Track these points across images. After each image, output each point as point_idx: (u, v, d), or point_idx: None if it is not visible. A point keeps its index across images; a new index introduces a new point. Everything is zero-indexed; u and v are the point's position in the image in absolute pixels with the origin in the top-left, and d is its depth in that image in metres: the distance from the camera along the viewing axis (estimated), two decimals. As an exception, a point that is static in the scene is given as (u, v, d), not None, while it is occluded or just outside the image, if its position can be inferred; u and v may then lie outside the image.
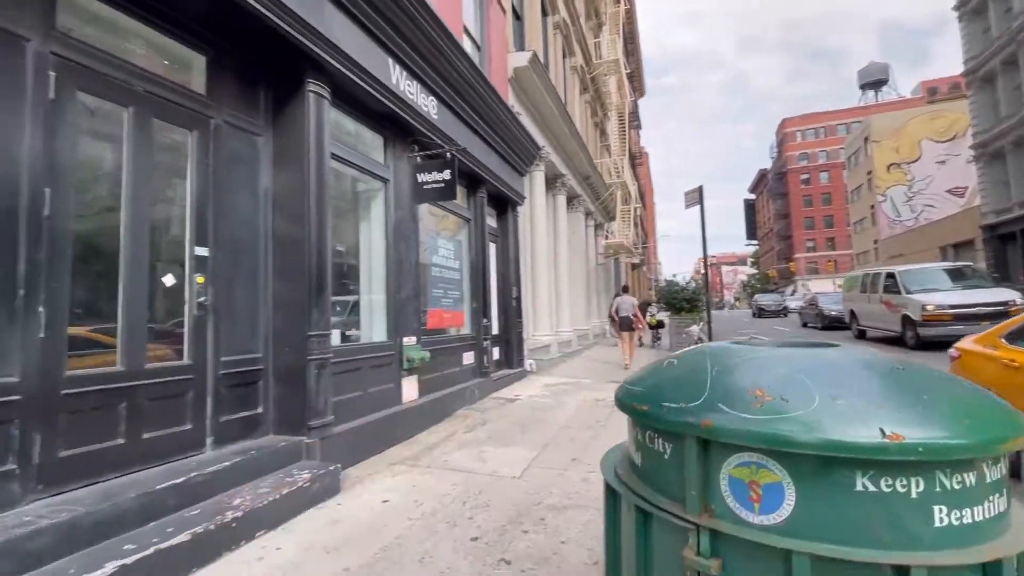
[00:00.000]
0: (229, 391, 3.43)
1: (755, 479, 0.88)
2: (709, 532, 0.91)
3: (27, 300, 2.43)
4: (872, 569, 0.78)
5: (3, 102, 2.39)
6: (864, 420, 0.82)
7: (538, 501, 3.29)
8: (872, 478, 0.81)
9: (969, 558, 0.77)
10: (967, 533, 0.81)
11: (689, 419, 0.94)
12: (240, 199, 3.65)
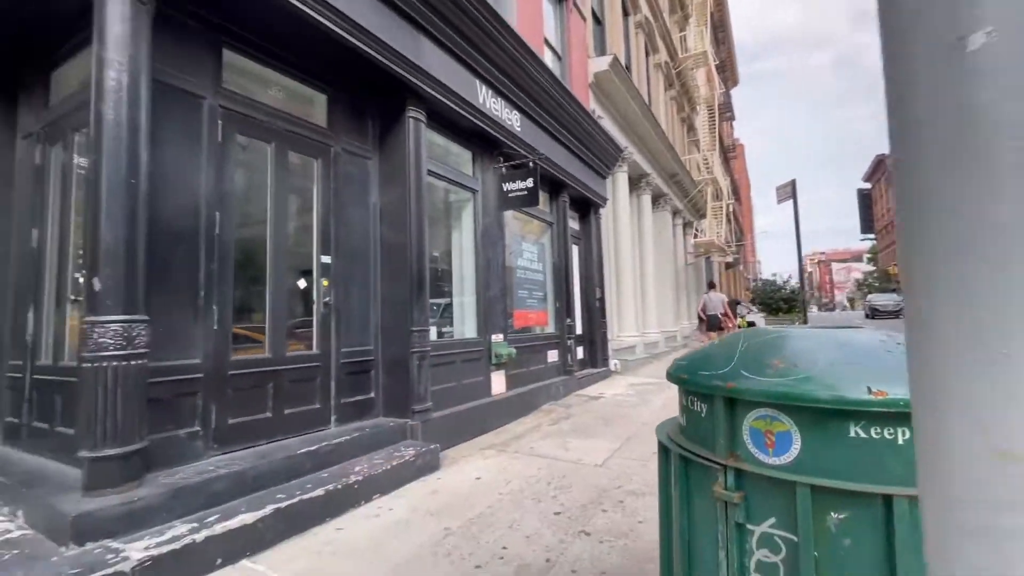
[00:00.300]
0: (348, 378, 4.03)
1: (770, 429, 1.09)
2: (734, 471, 1.13)
3: (206, 300, 3.12)
4: (861, 497, 0.97)
5: (187, 146, 3.11)
6: (856, 381, 1.01)
7: (618, 486, 3.51)
8: (863, 427, 0.99)
9: None
10: None
11: (718, 383, 1.17)
12: (354, 213, 4.26)
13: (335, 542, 2.70)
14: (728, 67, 46.31)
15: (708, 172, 20.32)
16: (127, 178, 2.57)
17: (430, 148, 4.87)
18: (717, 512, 1.16)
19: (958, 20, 0.46)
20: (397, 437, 4.01)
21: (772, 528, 1.08)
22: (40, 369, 3.41)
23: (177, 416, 2.92)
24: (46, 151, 3.62)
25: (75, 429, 2.97)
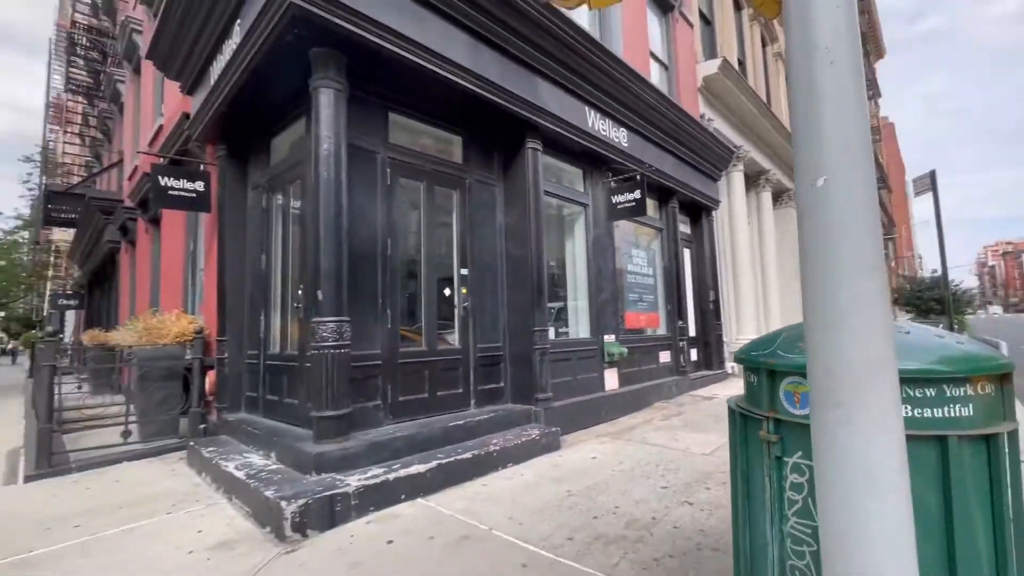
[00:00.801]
0: (483, 369, 4.86)
1: (796, 390, 1.56)
2: (773, 420, 1.61)
3: (382, 306, 4.11)
4: None
5: (367, 190, 4.13)
6: None
7: (723, 471, 3.85)
8: None
9: (920, 431, 1.33)
10: (924, 423, 1.35)
11: (762, 360, 1.66)
12: (485, 232, 5.10)
13: (482, 493, 3.47)
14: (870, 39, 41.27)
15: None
16: (335, 218, 3.60)
17: (545, 171, 5.56)
18: (763, 450, 1.65)
19: (817, 172, 0.98)
20: (523, 420, 4.74)
21: (799, 459, 1.55)
22: (270, 357, 4.70)
23: (366, 392, 3.93)
24: (269, 198, 4.95)
25: (298, 400, 4.12)
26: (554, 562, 2.47)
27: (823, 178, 0.95)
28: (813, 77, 0.97)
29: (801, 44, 0.99)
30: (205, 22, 4.41)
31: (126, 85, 11.19)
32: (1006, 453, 1.40)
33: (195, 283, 6.67)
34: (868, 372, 0.92)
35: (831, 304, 0.95)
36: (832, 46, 0.96)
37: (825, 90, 0.96)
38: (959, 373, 1.40)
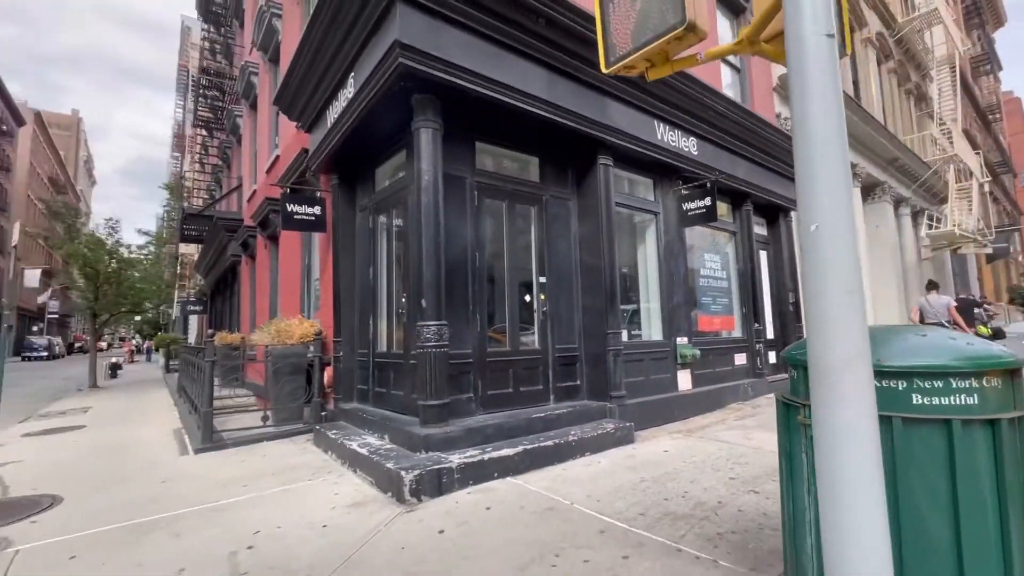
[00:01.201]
0: (560, 368, 5.34)
1: (827, 382, 1.90)
2: (807, 407, 1.96)
3: (472, 312, 4.72)
4: (881, 422, 1.73)
5: (458, 211, 4.75)
6: (876, 354, 1.76)
7: (792, 467, 4.05)
8: (877, 378, 1.73)
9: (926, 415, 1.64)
10: (931, 408, 1.64)
11: (799, 357, 2.01)
12: (560, 243, 5.58)
13: (562, 475, 3.94)
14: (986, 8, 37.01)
15: (950, 146, 17.04)
16: (435, 237, 4.25)
17: (616, 182, 5.94)
18: (800, 432, 1.99)
19: (811, 220, 1.37)
20: (599, 415, 5.15)
21: (829, 438, 1.88)
22: (378, 355, 5.47)
23: (460, 386, 4.54)
24: (375, 219, 5.76)
25: (403, 391, 4.83)
26: (627, 531, 2.89)
27: (815, 225, 1.34)
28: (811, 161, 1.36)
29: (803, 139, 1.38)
30: (323, 76, 5.28)
31: (243, 119, 12.88)
32: (1012, 437, 1.68)
33: (310, 291, 7.73)
34: (848, 361, 1.30)
35: (823, 315, 1.34)
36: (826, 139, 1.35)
37: (818, 167, 1.35)
38: (963, 368, 1.69)
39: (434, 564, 2.56)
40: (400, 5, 3.86)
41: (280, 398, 5.88)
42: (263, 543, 2.89)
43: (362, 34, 4.39)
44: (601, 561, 2.53)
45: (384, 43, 4.04)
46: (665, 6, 1.88)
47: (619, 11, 2.07)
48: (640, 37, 1.98)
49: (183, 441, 5.90)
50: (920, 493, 1.70)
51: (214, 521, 3.28)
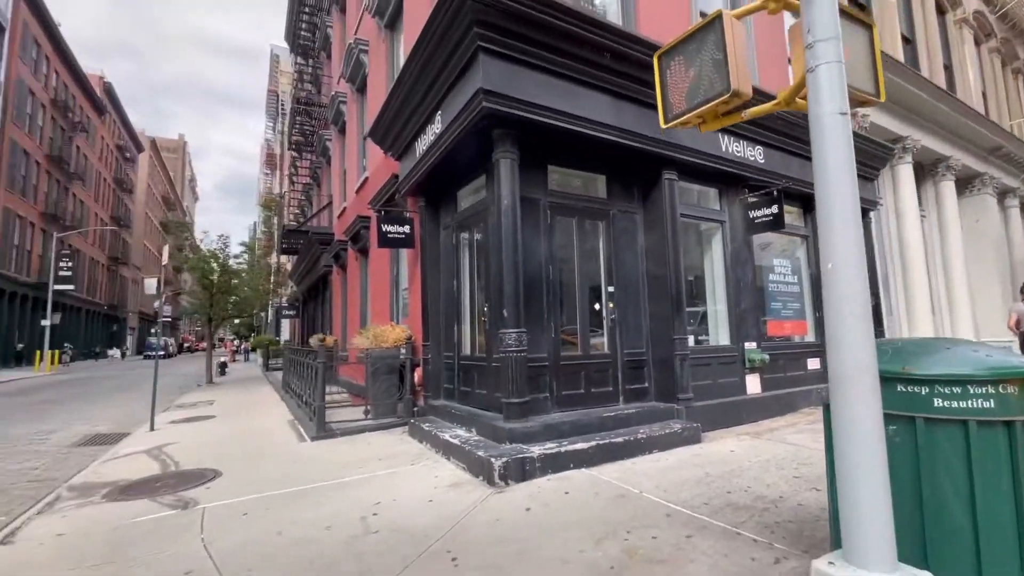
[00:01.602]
0: (629, 371, 5.72)
1: (862, 386, 2.23)
2: (847, 408, 2.30)
3: (547, 319, 5.24)
4: (902, 419, 2.04)
5: (533, 229, 5.29)
6: (904, 363, 2.07)
7: (858, 469, 4.20)
8: (903, 384, 2.04)
9: (946, 416, 1.93)
10: (951, 410, 1.93)
11: (839, 365, 2.35)
12: (627, 254, 5.96)
13: (632, 469, 4.35)
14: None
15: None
16: (513, 254, 4.80)
17: (682, 193, 6.22)
18: (840, 429, 2.33)
19: (828, 259, 1.75)
20: (666, 416, 5.48)
21: (864, 434, 2.21)
22: (463, 358, 6.13)
23: (537, 386, 5.07)
24: (457, 236, 6.44)
25: (486, 390, 5.43)
26: (691, 516, 3.28)
27: (831, 263, 1.73)
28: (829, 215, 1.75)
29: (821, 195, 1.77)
30: (413, 113, 6.02)
31: (332, 142, 14.24)
32: (1029, 436, 1.94)
33: (398, 299, 8.60)
34: (856, 372, 1.68)
35: (837, 335, 1.72)
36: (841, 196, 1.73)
37: (834, 219, 1.73)
38: (982, 376, 1.99)
39: (525, 533, 3.10)
40: (483, 56, 4.47)
41: (378, 395, 6.71)
42: (384, 511, 3.57)
43: (449, 79, 5.05)
44: (667, 538, 2.95)
45: (469, 89, 4.66)
46: (714, 75, 2.29)
47: (675, 77, 2.50)
48: (693, 99, 2.41)
49: (298, 430, 6.87)
50: (942, 483, 2.01)
51: (342, 494, 4.02)
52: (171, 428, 7.59)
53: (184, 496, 4.13)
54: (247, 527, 3.42)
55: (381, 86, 9.15)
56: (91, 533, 3.42)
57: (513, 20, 4.52)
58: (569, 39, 4.85)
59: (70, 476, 5.10)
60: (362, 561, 2.82)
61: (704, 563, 2.62)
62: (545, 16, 4.63)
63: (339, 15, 14.13)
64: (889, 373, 2.13)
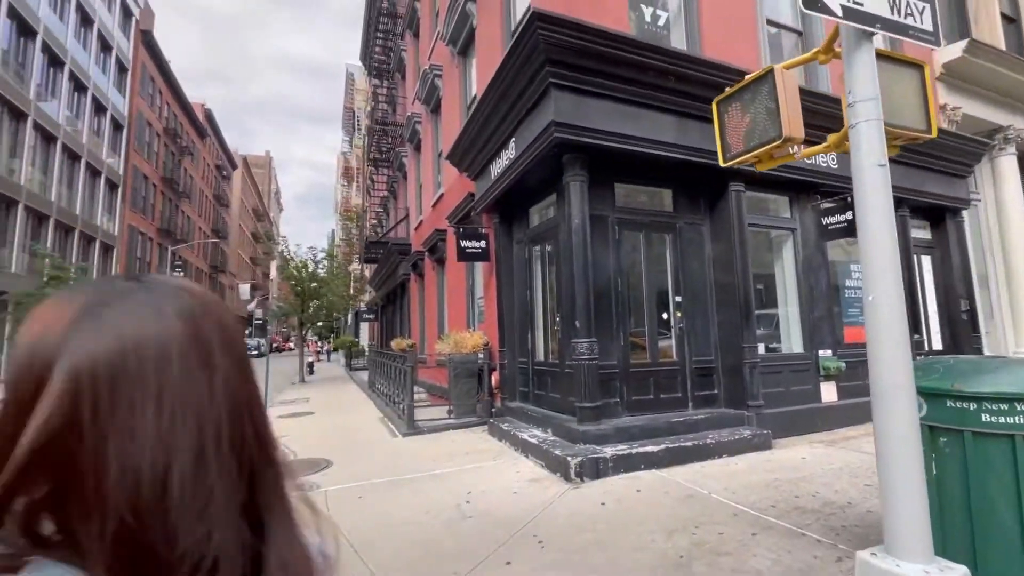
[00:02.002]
0: (697, 378, 5.93)
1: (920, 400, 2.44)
2: (901, 420, 2.51)
3: (616, 329, 5.58)
4: (952, 432, 2.23)
5: (601, 244, 5.64)
6: (953, 381, 2.26)
7: (936, 480, 4.21)
8: (953, 400, 2.24)
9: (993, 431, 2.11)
10: (998, 425, 2.10)
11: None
12: (694, 264, 6.16)
13: (701, 471, 4.61)
14: None
15: None
16: (584, 269, 5.20)
17: (750, 202, 6.31)
18: (895, 439, 2.54)
19: (870, 291, 2.02)
20: (735, 422, 5.64)
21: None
22: (536, 363, 6.60)
23: (608, 392, 5.42)
24: (529, 250, 6.92)
25: (559, 394, 5.85)
26: (758, 517, 3.52)
27: (872, 296, 1.99)
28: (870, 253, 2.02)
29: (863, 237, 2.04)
30: (488, 140, 6.57)
31: (408, 159, 15.24)
32: (1075, 450, 2.10)
33: (474, 307, 9.22)
34: (893, 389, 1.94)
35: (877, 356, 1.98)
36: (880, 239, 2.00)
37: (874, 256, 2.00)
38: (1026, 394, 2.15)
39: (600, 524, 3.50)
40: (554, 91, 4.91)
41: (459, 396, 7.32)
42: (475, 499, 4.09)
43: (522, 111, 5.54)
44: (733, 535, 3.23)
45: (541, 120, 5.12)
46: (767, 122, 2.59)
47: (732, 121, 2.81)
48: (749, 142, 2.71)
49: (389, 427, 7.64)
50: (990, 491, 2.20)
51: (436, 484, 4.60)
52: (280, 421, 8.64)
53: (306, 480, 4.89)
54: (362, 508, 4.07)
55: (454, 108, 9.83)
56: (243, 507, 4.21)
57: (581, 56, 4.92)
58: (633, 67, 5.17)
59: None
60: (461, 541, 3.34)
61: (767, 557, 2.90)
62: (611, 49, 4.99)
63: (412, 39, 15.12)
64: (939, 390, 2.33)
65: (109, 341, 0.38)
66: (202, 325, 0.41)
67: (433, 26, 12.03)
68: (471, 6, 8.57)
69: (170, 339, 0.39)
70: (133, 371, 0.38)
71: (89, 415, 0.37)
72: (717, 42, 6.24)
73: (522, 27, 4.92)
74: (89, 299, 0.41)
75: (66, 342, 0.38)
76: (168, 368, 0.39)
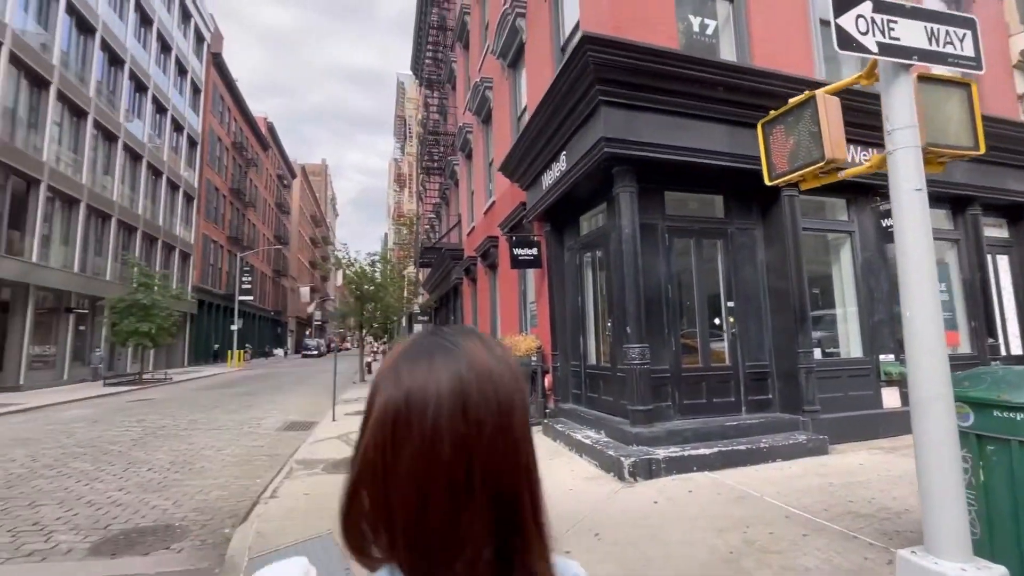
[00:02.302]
0: (751, 383, 5.98)
1: (961, 411, 2.54)
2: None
3: (667, 334, 5.73)
4: (998, 440, 2.32)
5: (652, 251, 5.80)
6: (999, 392, 2.35)
7: (1003, 490, 4.13)
8: (1000, 410, 2.33)
9: None
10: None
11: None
12: (746, 269, 6.21)
13: (754, 475, 4.71)
14: None
15: None
16: (634, 276, 5.39)
17: (804, 206, 6.28)
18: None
19: (907, 308, 2.17)
20: (790, 427, 5.66)
21: (964, 452, 2.52)
22: (589, 367, 6.84)
23: (660, 395, 5.59)
24: (580, 257, 7.16)
25: (611, 397, 6.06)
26: (810, 519, 3.63)
27: (908, 311, 2.14)
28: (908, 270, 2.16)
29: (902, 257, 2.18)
30: (540, 153, 6.87)
31: (460, 167, 15.79)
32: None
33: (526, 311, 9.55)
34: (931, 398, 2.08)
35: (916, 367, 2.13)
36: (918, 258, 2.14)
37: (911, 274, 2.14)
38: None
39: (654, 520, 3.72)
40: (604, 108, 5.14)
41: (513, 398, 7.65)
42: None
43: (572, 126, 5.80)
44: (784, 535, 3.38)
45: (592, 136, 5.37)
46: (811, 145, 2.74)
47: (776, 143, 2.97)
48: (793, 163, 2.87)
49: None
50: (1040, 496, 2.28)
51: (497, 479, 4.94)
52: (347, 419, 9.30)
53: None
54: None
55: (505, 119, 10.20)
56: (328, 494, 4.71)
57: (630, 73, 5.13)
58: (682, 81, 5.32)
59: (291, 453, 6.72)
60: (524, 530, 3.65)
61: (817, 557, 3.04)
62: (658, 65, 5.17)
63: (462, 51, 15.64)
64: (987, 400, 2.43)
65: (395, 390, 0.48)
66: (471, 382, 0.48)
67: (482, 38, 12.46)
68: (521, 22, 8.90)
69: (438, 392, 0.47)
70: (404, 415, 0.46)
71: (383, 446, 0.46)
72: (768, 46, 6.26)
73: (572, 49, 5.19)
74: (403, 348, 0.53)
75: (383, 382, 0.50)
76: (429, 417, 0.45)
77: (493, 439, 0.47)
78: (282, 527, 3.95)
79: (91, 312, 20.47)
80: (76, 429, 9.36)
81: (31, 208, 16.99)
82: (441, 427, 0.45)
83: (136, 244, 23.99)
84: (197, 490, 5.31)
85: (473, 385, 0.48)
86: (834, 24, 2.16)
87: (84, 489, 5.36)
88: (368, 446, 0.48)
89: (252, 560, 3.41)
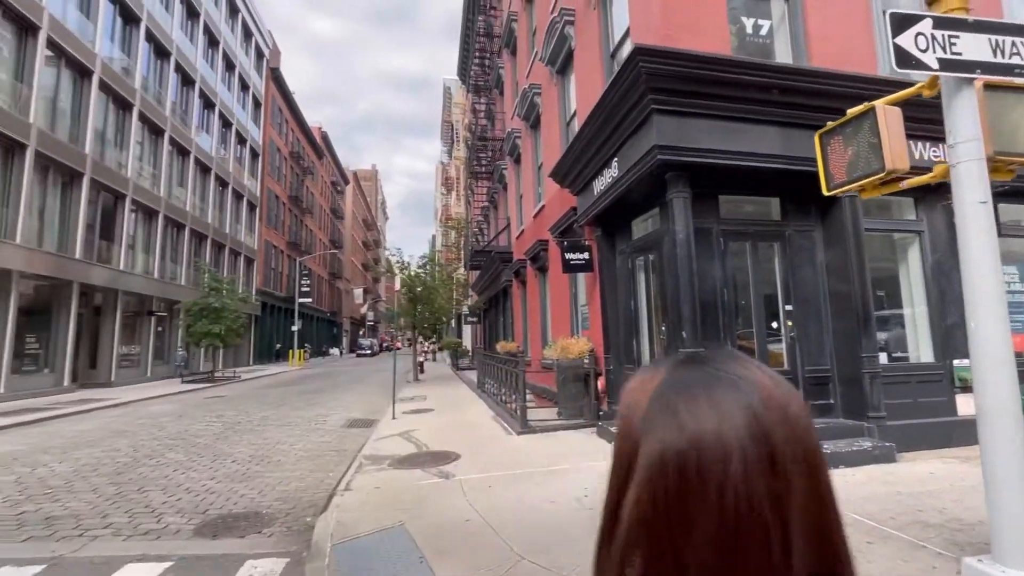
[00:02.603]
0: (811, 387, 5.88)
1: (1037, 421, 2.51)
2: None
3: (723, 338, 5.73)
4: None
5: (707, 255, 5.81)
6: None
7: (1092, 504, 3.93)
8: None
9: None
10: None
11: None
12: (805, 272, 6.10)
13: (814, 481, 4.66)
14: None
15: None
16: (689, 281, 5.44)
17: (868, 205, 6.09)
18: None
19: (972, 319, 2.19)
20: (854, 433, 5.53)
21: None
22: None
23: (715, 399, 5.59)
24: (632, 261, 7.23)
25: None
26: (874, 527, 3.61)
27: (974, 323, 2.16)
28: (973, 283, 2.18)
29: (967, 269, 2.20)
30: (591, 159, 6.99)
31: (508, 171, 16.06)
32: None
33: (577, 314, 9.68)
34: (997, 409, 2.09)
35: (982, 379, 2.14)
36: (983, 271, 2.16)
37: (976, 287, 2.16)
38: None
39: (712, 523, 3.79)
40: (655, 116, 5.22)
41: (566, 399, 7.83)
42: (591, 494, 4.55)
43: (624, 134, 5.90)
44: (847, 542, 3.38)
45: (644, 144, 5.45)
46: (870, 155, 2.77)
47: (835, 153, 3.00)
48: (852, 173, 2.89)
49: (502, 425, 8.34)
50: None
51: (555, 479, 5.14)
52: (405, 417, 9.74)
53: (443, 470, 5.67)
54: (493, 496, 4.71)
55: (554, 124, 10.36)
56: (396, 488, 5.06)
57: (681, 81, 5.19)
58: (734, 86, 5.32)
59: (358, 449, 7.16)
60: (584, 527, 3.82)
61: (882, 564, 3.05)
62: (709, 72, 5.20)
63: (509, 56, 15.91)
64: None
65: (675, 435, 0.40)
66: (765, 422, 0.40)
67: (530, 45, 12.67)
68: (569, 29, 9.03)
69: (738, 438, 0.39)
70: (693, 468, 0.38)
71: (663, 503, 0.39)
72: (826, 44, 6.12)
73: (623, 61, 5.30)
74: (665, 380, 0.44)
75: (648, 427, 0.42)
76: (733, 470, 0.38)
77: (808, 490, 0.40)
78: (358, 517, 4.30)
79: (168, 315, 22.24)
80: (165, 423, 10.29)
81: (118, 220, 18.66)
82: (749, 479, 0.38)
83: (206, 251, 25.79)
84: (278, 481, 5.79)
85: (776, 427, 0.41)
86: (891, 43, 2.20)
87: (182, 477, 5.97)
88: (643, 501, 0.40)
89: (335, 547, 3.76)
